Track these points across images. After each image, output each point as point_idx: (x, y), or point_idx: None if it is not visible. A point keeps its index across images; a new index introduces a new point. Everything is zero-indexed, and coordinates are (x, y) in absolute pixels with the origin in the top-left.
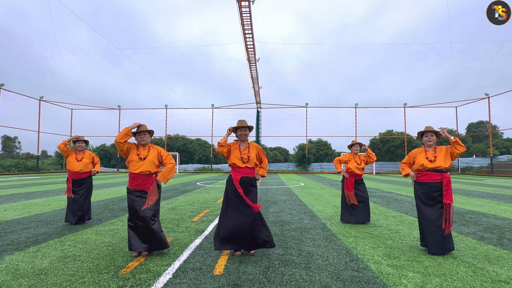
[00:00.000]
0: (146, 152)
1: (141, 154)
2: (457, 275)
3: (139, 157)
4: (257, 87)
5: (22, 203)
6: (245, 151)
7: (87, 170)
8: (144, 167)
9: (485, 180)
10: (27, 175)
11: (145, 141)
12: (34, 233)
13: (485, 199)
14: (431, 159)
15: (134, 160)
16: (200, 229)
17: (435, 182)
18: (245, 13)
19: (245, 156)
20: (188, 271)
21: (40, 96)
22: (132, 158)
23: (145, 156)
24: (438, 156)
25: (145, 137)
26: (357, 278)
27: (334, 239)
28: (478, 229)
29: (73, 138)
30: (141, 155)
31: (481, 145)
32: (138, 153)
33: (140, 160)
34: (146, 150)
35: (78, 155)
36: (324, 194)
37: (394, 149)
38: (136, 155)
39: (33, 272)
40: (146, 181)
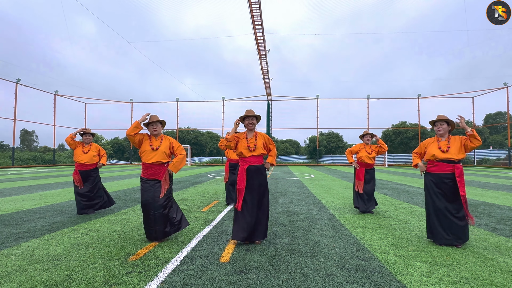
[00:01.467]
0: (159, 143)
1: (153, 144)
2: (465, 265)
3: (151, 147)
4: (268, 80)
5: (39, 193)
6: (252, 140)
7: (93, 163)
8: (157, 157)
9: (502, 172)
10: (44, 168)
11: (157, 131)
12: (49, 222)
13: (500, 191)
14: (444, 149)
15: (147, 151)
16: (209, 219)
17: (446, 173)
18: (254, 3)
19: (251, 145)
20: (195, 259)
21: (55, 91)
22: (145, 148)
23: (158, 147)
24: (452, 147)
25: (157, 127)
26: (363, 267)
27: (341, 229)
28: (491, 221)
29: (79, 131)
30: (153, 146)
31: (498, 136)
32: (150, 144)
33: (153, 150)
34: (159, 140)
35: (84, 148)
36: (334, 186)
37: (408, 141)
38: (149, 145)
39: (47, 257)
40: (158, 170)
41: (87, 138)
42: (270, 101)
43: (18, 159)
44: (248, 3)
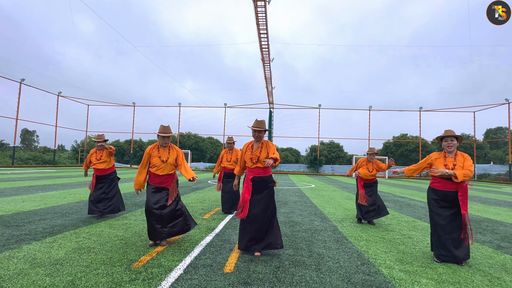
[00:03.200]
0: (167, 153)
1: (162, 156)
2: (472, 283)
3: (161, 159)
4: (270, 87)
5: (39, 194)
6: (256, 151)
7: (108, 167)
8: (166, 170)
9: (503, 188)
10: (44, 168)
11: (168, 143)
12: (51, 224)
13: (502, 207)
14: (450, 167)
15: (157, 164)
16: (211, 226)
17: (449, 191)
18: (260, 13)
19: (254, 157)
20: (199, 268)
21: (59, 92)
22: (155, 162)
23: (167, 159)
24: (458, 165)
25: (168, 140)
26: (369, 282)
27: (345, 242)
28: (495, 238)
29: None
30: (163, 158)
31: (499, 151)
32: (159, 155)
33: (163, 162)
34: (167, 151)
35: (97, 154)
36: (335, 197)
37: (408, 153)
38: (157, 157)
39: (49, 261)
40: (167, 179)
41: (100, 145)
42: (272, 108)
43: (18, 158)
44: (254, 12)
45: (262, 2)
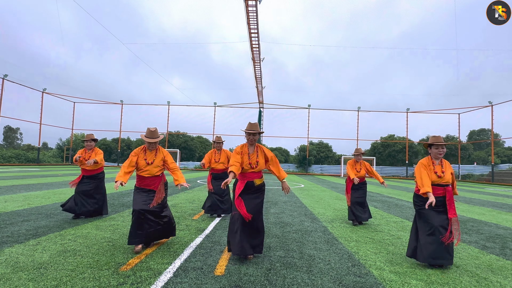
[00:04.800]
0: (153, 156)
1: (148, 158)
2: (461, 284)
3: (146, 162)
4: (260, 87)
5: (22, 194)
6: (253, 155)
7: (97, 168)
8: (151, 171)
9: (486, 188)
10: (28, 167)
11: (155, 147)
12: (34, 226)
13: (486, 208)
14: (440, 174)
15: (142, 166)
16: (200, 227)
17: (438, 197)
18: (251, 13)
19: (253, 162)
20: (189, 271)
21: (43, 88)
22: (140, 165)
23: (152, 161)
24: (446, 172)
25: (155, 145)
26: (360, 284)
27: (335, 243)
28: (480, 238)
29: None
30: (148, 160)
31: (482, 153)
32: (145, 158)
33: (148, 165)
34: (153, 154)
35: (86, 154)
36: (324, 197)
37: (395, 154)
38: (143, 160)
39: (33, 265)
40: (153, 181)
41: (89, 144)
42: (262, 108)
43: (0, 156)
44: (245, 12)
45: (253, 1)
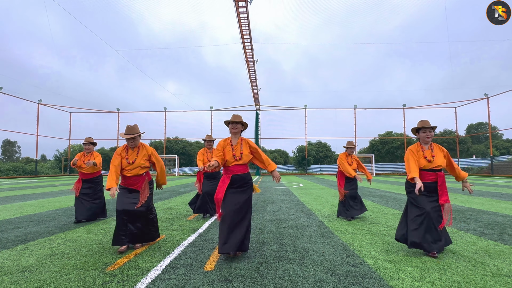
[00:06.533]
0: (135, 155)
1: (129, 158)
2: (457, 269)
3: (127, 161)
4: (256, 90)
5: (17, 204)
6: (237, 147)
7: (94, 171)
8: (134, 171)
9: (486, 180)
10: (25, 179)
11: (135, 144)
12: (24, 232)
13: (485, 198)
14: (429, 158)
15: (124, 165)
16: (194, 227)
17: (430, 182)
18: (242, 14)
19: (237, 153)
20: (178, 267)
21: (39, 100)
22: (122, 164)
23: (134, 161)
24: (436, 156)
25: (135, 141)
26: (353, 273)
27: (330, 236)
28: (478, 226)
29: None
30: (130, 160)
31: (481, 146)
32: (126, 157)
33: (129, 164)
34: (135, 152)
35: (85, 158)
36: (322, 194)
37: (394, 151)
38: (125, 159)
39: (17, 269)
40: (137, 180)
41: (87, 148)
42: (258, 110)
43: None
44: (236, 13)
45: (243, 2)
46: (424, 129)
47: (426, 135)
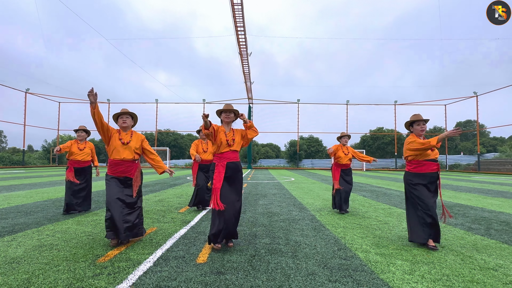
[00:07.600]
0: (129, 137)
1: (123, 139)
2: (446, 263)
3: (121, 141)
4: (249, 83)
5: (3, 195)
6: (229, 133)
7: (87, 160)
8: (128, 153)
9: (473, 177)
10: (12, 169)
11: (127, 124)
12: (11, 223)
13: (472, 194)
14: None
15: (117, 146)
16: (186, 219)
17: (433, 172)
18: (237, 5)
19: (229, 139)
20: (170, 260)
21: (26, 89)
22: (115, 144)
23: (128, 141)
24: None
25: (127, 120)
26: (345, 266)
27: (322, 229)
28: (466, 221)
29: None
30: (123, 140)
31: (468, 143)
32: (120, 138)
33: (123, 145)
34: (129, 135)
35: (80, 145)
36: (314, 188)
37: (385, 146)
38: (118, 139)
39: (4, 260)
40: (130, 167)
41: (81, 135)
42: (251, 104)
43: None
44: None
45: None
46: (418, 122)
47: (421, 127)
